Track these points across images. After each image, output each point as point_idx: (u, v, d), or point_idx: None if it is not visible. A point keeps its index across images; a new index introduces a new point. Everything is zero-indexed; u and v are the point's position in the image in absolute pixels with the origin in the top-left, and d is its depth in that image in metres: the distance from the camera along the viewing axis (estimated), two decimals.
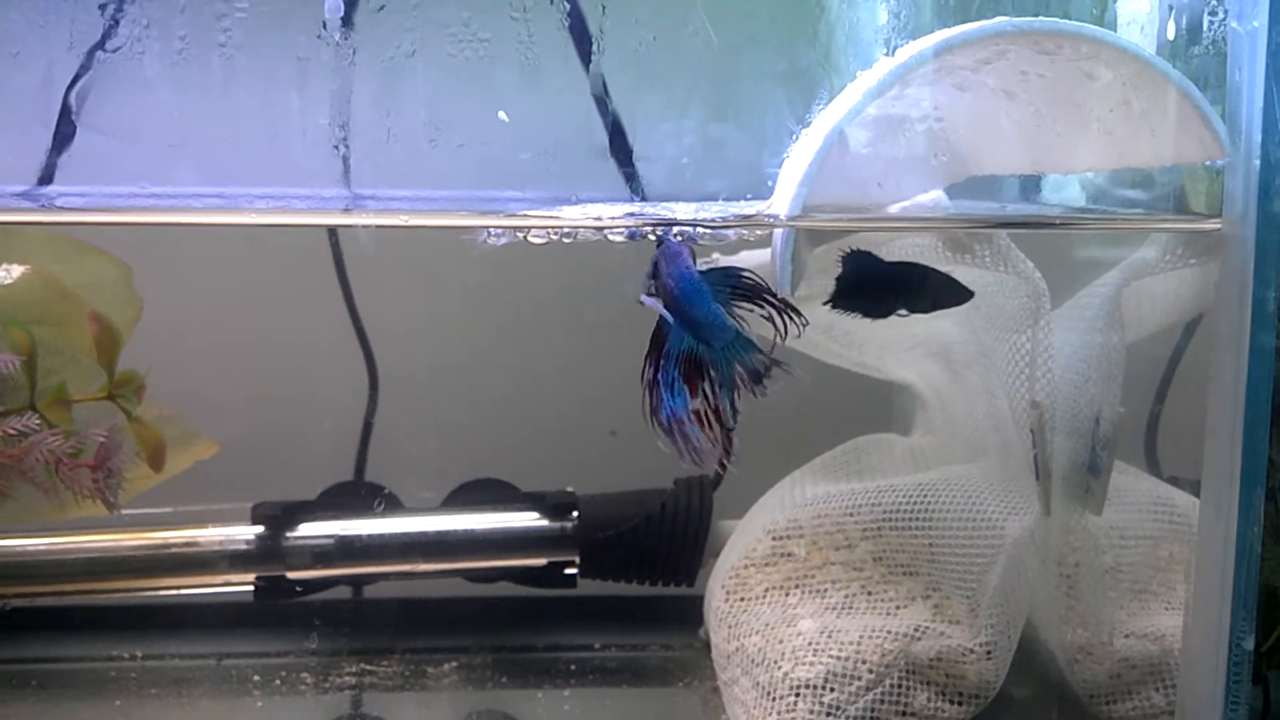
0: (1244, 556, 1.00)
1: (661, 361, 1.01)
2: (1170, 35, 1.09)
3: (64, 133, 1.13)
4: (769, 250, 1.15)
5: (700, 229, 1.06)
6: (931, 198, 1.24)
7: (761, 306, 1.01)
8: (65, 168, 1.15)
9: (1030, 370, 1.20)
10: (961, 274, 1.23)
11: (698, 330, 1.01)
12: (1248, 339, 0.98)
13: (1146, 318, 1.28)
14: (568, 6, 1.08)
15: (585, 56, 1.11)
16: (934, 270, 1.13)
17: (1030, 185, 1.35)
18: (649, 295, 1.02)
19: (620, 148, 1.17)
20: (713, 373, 1.01)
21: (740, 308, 1.02)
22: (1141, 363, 1.30)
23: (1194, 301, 1.22)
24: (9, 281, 1.27)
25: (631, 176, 1.18)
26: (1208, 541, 1.04)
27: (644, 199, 1.19)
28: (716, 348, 1.01)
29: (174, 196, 1.14)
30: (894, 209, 1.19)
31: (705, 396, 1.01)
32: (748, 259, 1.34)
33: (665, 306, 1.01)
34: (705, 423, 1.01)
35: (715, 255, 1.36)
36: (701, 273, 1.01)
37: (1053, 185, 1.35)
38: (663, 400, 1.00)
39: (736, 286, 1.02)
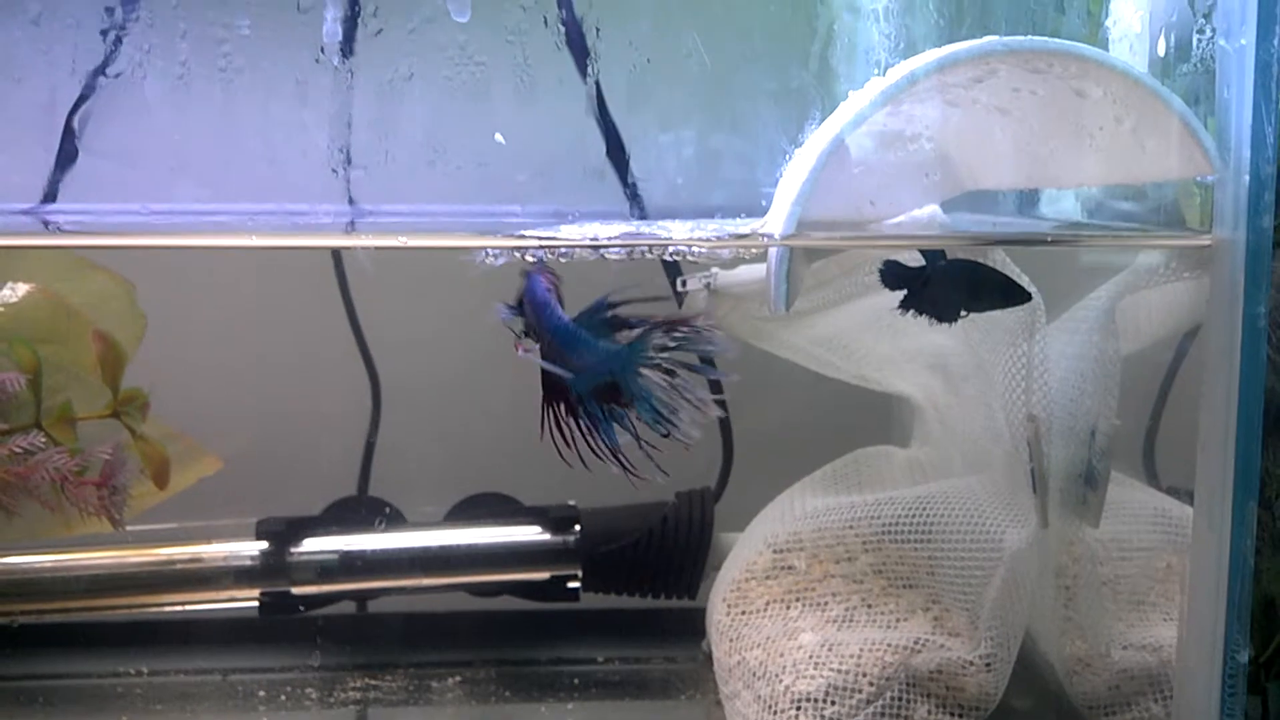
0: (1238, 569, 1.01)
1: (578, 404, 0.99)
2: (1161, 52, 1.10)
3: (67, 155, 1.14)
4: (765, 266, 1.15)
5: (696, 247, 1.06)
6: (927, 212, 1.24)
7: (638, 326, 0.99)
8: (69, 186, 1.17)
9: (1026, 383, 1.20)
10: None
11: (595, 369, 0.98)
12: (1239, 355, 0.98)
13: (1144, 329, 1.28)
14: (562, 30, 1.09)
15: (583, 71, 1.12)
16: (996, 270, 1.13)
17: (1028, 198, 1.35)
18: (526, 339, 1.00)
19: (619, 165, 1.17)
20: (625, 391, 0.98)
21: (621, 334, 0.99)
22: (1140, 373, 1.30)
23: (1191, 313, 1.22)
24: (14, 300, 1.28)
25: (633, 194, 1.19)
26: (1202, 554, 1.04)
27: (643, 216, 1.20)
28: (620, 374, 0.98)
29: (176, 214, 1.15)
30: (890, 224, 1.20)
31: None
32: (745, 273, 1.35)
33: (547, 354, 0.99)
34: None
35: (714, 269, 1.37)
36: (575, 317, 0.99)
37: (1049, 198, 1.35)
38: (600, 432, 0.99)
39: (609, 320, 0.99)
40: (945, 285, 1.11)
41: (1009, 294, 1.13)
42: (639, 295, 0.99)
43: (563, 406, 1.00)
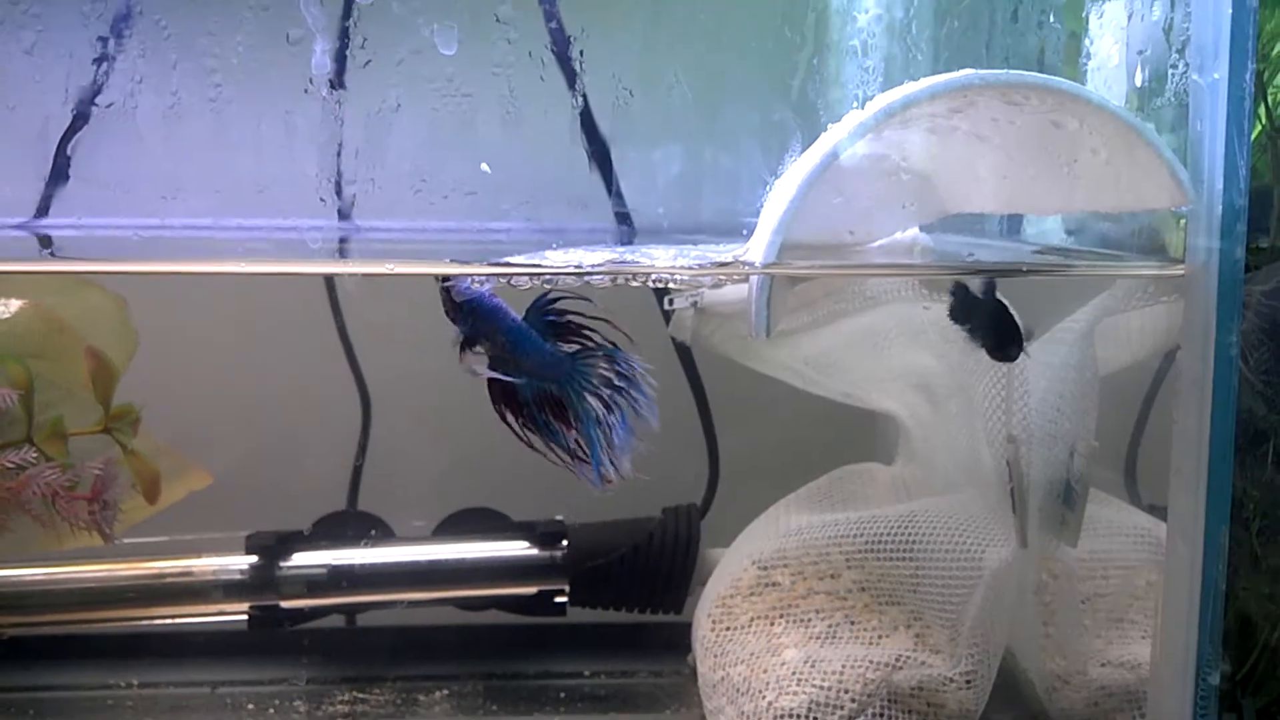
0: (1210, 593, 1.02)
1: (524, 410, 1.03)
2: (1137, 84, 1.11)
3: (59, 178, 1.15)
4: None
5: (678, 275, 1.08)
6: (909, 236, 1.26)
7: (580, 333, 1.03)
8: (60, 208, 1.18)
9: (1006, 404, 1.22)
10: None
11: (540, 374, 1.02)
12: (1211, 382, 1.00)
13: (1123, 350, 1.30)
14: (546, 63, 1.10)
15: (571, 84, 1.13)
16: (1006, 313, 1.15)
17: (1011, 221, 1.37)
18: (472, 350, 1.03)
19: (605, 173, 1.19)
20: (570, 406, 1.02)
21: (566, 340, 1.03)
22: (1121, 393, 1.31)
23: (1169, 334, 1.23)
24: (7, 316, 1.29)
25: (622, 213, 1.20)
26: (1175, 576, 1.06)
27: (630, 239, 1.21)
28: (563, 384, 1.02)
29: (169, 229, 1.16)
30: (874, 247, 1.21)
31: (576, 428, 1.03)
32: (731, 293, 1.36)
33: (495, 357, 1.02)
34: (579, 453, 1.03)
35: (700, 290, 1.39)
36: (525, 316, 1.02)
37: (1032, 220, 1.37)
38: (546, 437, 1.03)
39: (553, 322, 1.02)
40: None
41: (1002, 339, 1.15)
42: (572, 296, 1.02)
43: (510, 413, 1.03)
